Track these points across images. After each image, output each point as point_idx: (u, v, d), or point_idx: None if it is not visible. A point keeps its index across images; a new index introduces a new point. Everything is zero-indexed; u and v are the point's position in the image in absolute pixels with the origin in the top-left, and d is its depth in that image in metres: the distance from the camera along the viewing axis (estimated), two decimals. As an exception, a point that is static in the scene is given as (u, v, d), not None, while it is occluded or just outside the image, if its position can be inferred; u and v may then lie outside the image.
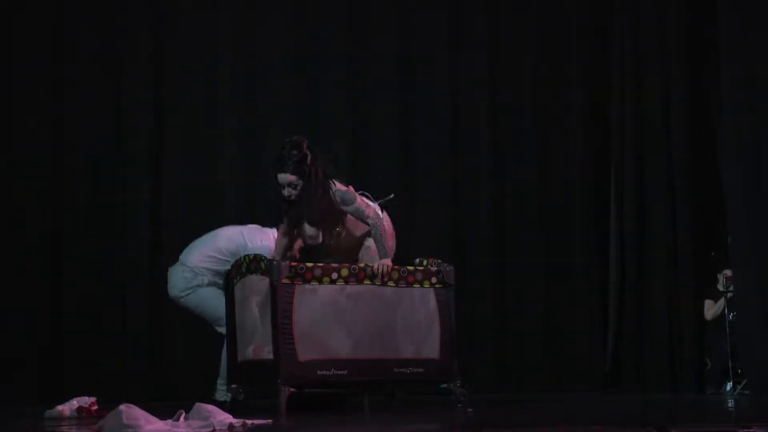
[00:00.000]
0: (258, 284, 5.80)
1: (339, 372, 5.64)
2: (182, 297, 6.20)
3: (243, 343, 5.87)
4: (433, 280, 5.98)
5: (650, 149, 8.24)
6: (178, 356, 7.45)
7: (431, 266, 6.03)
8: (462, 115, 8.31)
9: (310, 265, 5.71)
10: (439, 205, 8.17)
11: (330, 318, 5.69)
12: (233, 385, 5.86)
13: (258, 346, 5.77)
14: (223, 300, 6.05)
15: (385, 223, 5.90)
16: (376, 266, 5.79)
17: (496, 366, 8.04)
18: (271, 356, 5.62)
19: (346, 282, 5.74)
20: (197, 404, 5.06)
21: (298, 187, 5.73)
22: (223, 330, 6.06)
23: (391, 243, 5.94)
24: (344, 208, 5.85)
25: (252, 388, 5.89)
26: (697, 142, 8.26)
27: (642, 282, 8.19)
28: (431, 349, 5.90)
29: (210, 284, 6.18)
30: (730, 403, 6.69)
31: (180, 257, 6.28)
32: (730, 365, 7.67)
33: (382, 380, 5.83)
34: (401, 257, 6.21)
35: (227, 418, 4.98)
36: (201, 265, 6.19)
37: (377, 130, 8.10)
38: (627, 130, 8.32)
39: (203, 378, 6.30)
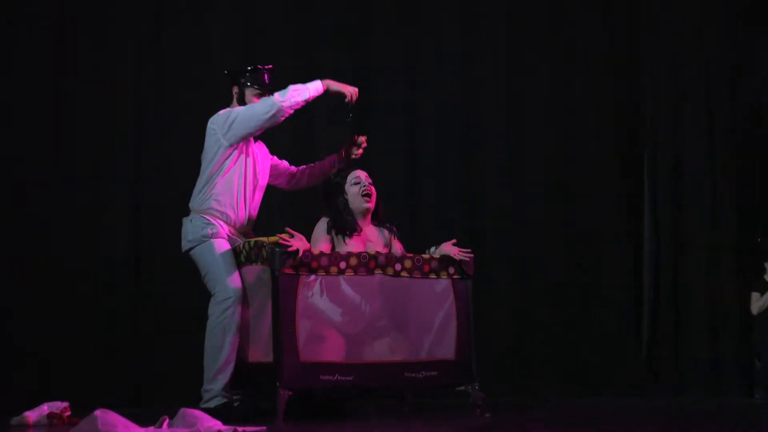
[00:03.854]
0: (259, 275, 5.46)
1: (343, 378, 5.31)
2: (191, 249, 5.58)
3: (241, 343, 5.54)
4: (451, 270, 5.65)
5: (689, 128, 7.81)
6: (163, 359, 6.97)
7: (449, 257, 5.70)
8: (481, 96, 7.84)
9: (316, 253, 5.36)
10: (454, 190, 7.72)
11: (337, 314, 5.37)
12: (234, 395, 5.52)
13: (257, 348, 5.46)
14: (226, 259, 5.52)
15: None
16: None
17: (518, 366, 7.60)
18: (270, 358, 5.28)
19: (355, 272, 5.41)
20: (182, 410, 4.82)
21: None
22: (218, 295, 5.47)
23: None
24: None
25: (249, 394, 5.61)
26: (742, 122, 7.89)
27: (678, 272, 7.75)
28: (447, 349, 5.58)
29: (219, 236, 5.55)
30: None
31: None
32: (782, 366, 7.26)
33: (390, 386, 5.56)
34: (415, 246, 5.87)
35: (216, 425, 4.72)
36: (202, 203, 5.56)
37: (385, 108, 7.61)
38: (662, 107, 7.88)
39: (190, 381, 5.85)
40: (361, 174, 5.75)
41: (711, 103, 7.80)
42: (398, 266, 5.52)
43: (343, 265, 5.40)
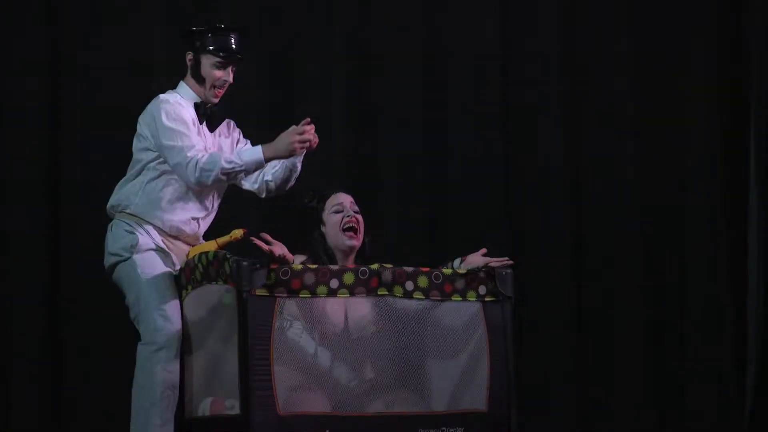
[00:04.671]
0: (219, 298, 4.56)
1: (336, 437, 4.57)
2: (113, 266, 4.62)
3: (195, 392, 4.70)
4: (482, 290, 4.75)
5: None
6: (86, 396, 6.12)
7: (479, 270, 4.79)
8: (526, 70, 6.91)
9: (298, 267, 4.44)
10: (487, 181, 6.80)
11: (327, 350, 4.56)
12: None
13: (217, 398, 4.60)
14: (153, 283, 4.57)
15: None
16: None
17: (576, 418, 6.74)
18: (236, 411, 4.45)
19: (352, 293, 4.53)
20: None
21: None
22: (145, 335, 4.52)
23: None
24: None
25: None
26: None
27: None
28: (476, 398, 4.74)
29: (146, 250, 4.58)
30: None
31: None
32: None
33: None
34: (433, 256, 5.21)
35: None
36: (126, 200, 4.57)
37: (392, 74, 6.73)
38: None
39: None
40: (345, 200, 4.85)
41: None
42: (410, 285, 4.62)
43: (335, 284, 4.49)
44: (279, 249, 4.44)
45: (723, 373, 6.82)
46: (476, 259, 4.80)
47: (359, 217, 4.82)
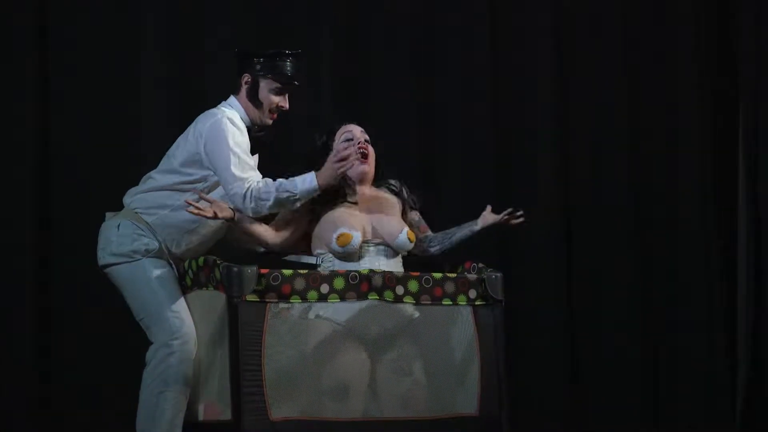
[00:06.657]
0: (210, 303, 4.53)
1: (328, 441, 4.44)
2: (114, 265, 4.56)
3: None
4: (472, 293, 4.71)
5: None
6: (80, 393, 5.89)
7: (469, 273, 4.79)
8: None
9: (288, 272, 4.40)
10: (480, 182, 6.63)
11: (318, 356, 4.50)
12: None
13: (210, 403, 4.57)
14: (166, 285, 4.56)
15: None
16: None
17: (570, 420, 6.59)
18: (227, 416, 4.41)
19: (342, 297, 4.49)
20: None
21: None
22: (158, 336, 4.50)
23: None
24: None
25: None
26: None
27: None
28: (468, 401, 4.67)
29: (156, 255, 4.57)
30: None
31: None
32: None
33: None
34: (423, 260, 4.97)
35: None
36: (149, 210, 4.54)
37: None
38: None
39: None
40: (355, 129, 4.77)
41: None
42: (400, 289, 4.56)
43: (325, 288, 4.46)
44: (218, 208, 4.40)
45: (715, 374, 6.74)
46: (491, 216, 4.78)
47: (369, 146, 4.74)
